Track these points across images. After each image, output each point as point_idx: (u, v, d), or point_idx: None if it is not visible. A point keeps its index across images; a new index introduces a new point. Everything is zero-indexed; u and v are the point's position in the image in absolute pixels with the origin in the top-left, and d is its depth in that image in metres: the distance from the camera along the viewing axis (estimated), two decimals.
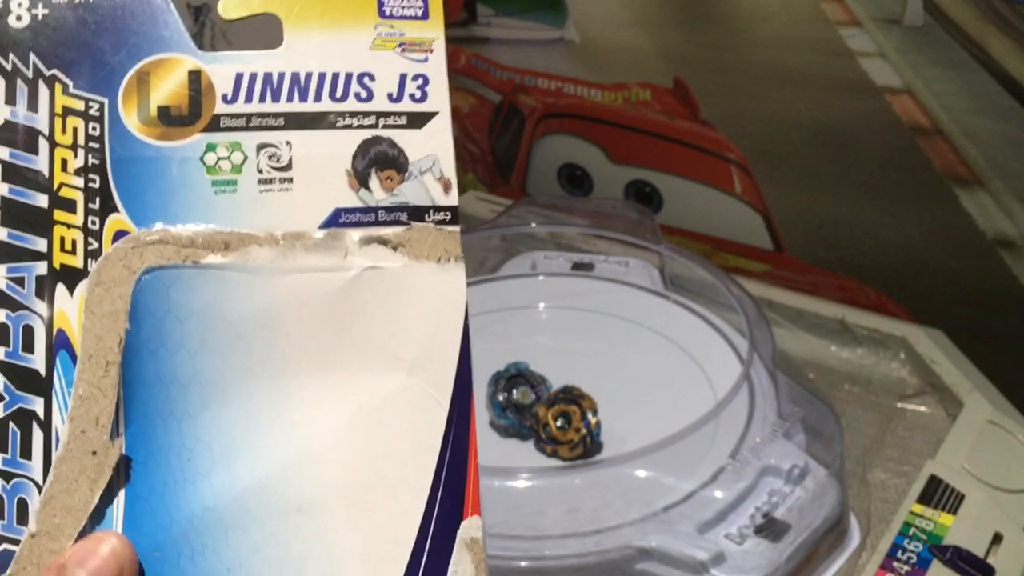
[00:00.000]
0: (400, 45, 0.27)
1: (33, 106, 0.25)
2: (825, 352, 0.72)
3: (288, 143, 0.26)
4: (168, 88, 0.25)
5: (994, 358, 0.73)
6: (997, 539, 0.53)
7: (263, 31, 0.27)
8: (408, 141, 0.26)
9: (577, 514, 0.48)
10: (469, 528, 0.26)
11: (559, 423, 0.54)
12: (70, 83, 0.25)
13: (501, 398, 0.55)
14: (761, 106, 1.42)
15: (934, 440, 0.62)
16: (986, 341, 0.96)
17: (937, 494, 0.55)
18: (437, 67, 0.27)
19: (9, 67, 0.25)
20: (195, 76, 0.26)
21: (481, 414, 0.55)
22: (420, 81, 0.27)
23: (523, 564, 0.46)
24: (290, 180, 0.26)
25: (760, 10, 1.47)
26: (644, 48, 1.52)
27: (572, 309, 0.69)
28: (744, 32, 1.48)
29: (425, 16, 0.27)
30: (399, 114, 0.26)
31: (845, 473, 0.53)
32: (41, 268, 0.25)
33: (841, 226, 1.36)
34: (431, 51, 0.27)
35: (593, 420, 0.54)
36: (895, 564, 0.51)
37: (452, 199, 0.26)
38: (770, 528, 0.48)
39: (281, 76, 0.26)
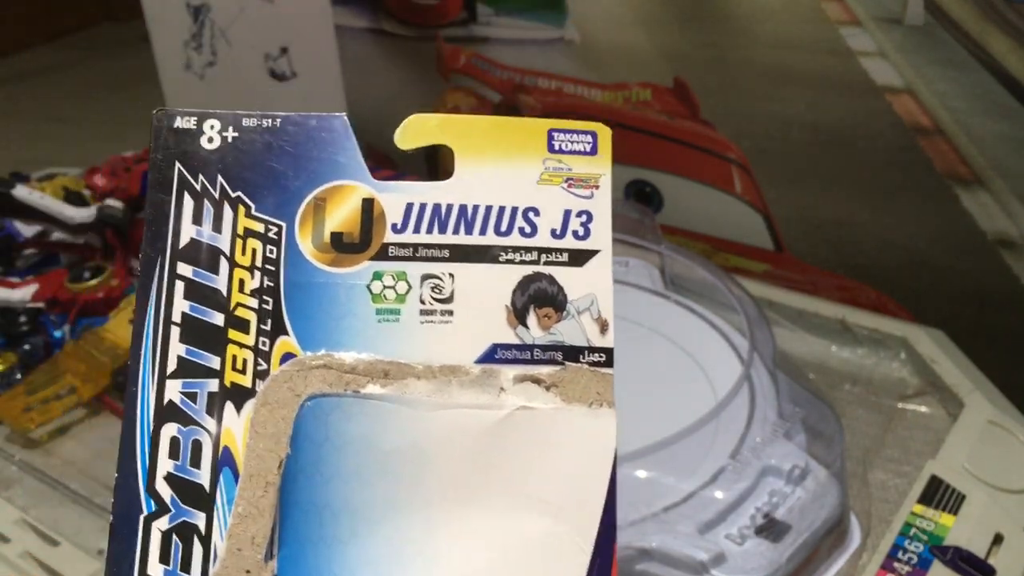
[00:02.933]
0: (567, 180, 0.27)
1: (217, 227, 0.26)
2: (825, 352, 0.72)
3: (451, 275, 0.26)
4: (342, 215, 0.26)
5: (994, 358, 0.73)
6: (998, 539, 0.53)
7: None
8: (568, 278, 0.27)
9: None
10: None
11: None
12: (253, 206, 0.26)
13: None
14: (761, 106, 1.42)
15: (935, 440, 0.62)
16: (986, 341, 0.96)
17: (938, 494, 0.55)
18: (602, 204, 0.27)
19: (198, 187, 0.26)
20: (368, 204, 0.26)
21: None
22: (584, 218, 0.27)
23: None
24: (451, 312, 0.26)
25: (760, 10, 1.46)
26: (644, 48, 1.52)
27: None
28: (744, 32, 1.47)
29: (594, 152, 0.27)
30: (561, 251, 0.27)
31: (846, 473, 0.53)
32: (213, 385, 0.25)
33: (841, 226, 1.36)
34: (597, 187, 0.27)
35: None
36: (896, 564, 0.51)
37: (608, 341, 0.26)
38: (771, 528, 0.47)
39: (449, 208, 0.26)
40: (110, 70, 2.69)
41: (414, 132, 0.27)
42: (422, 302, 0.26)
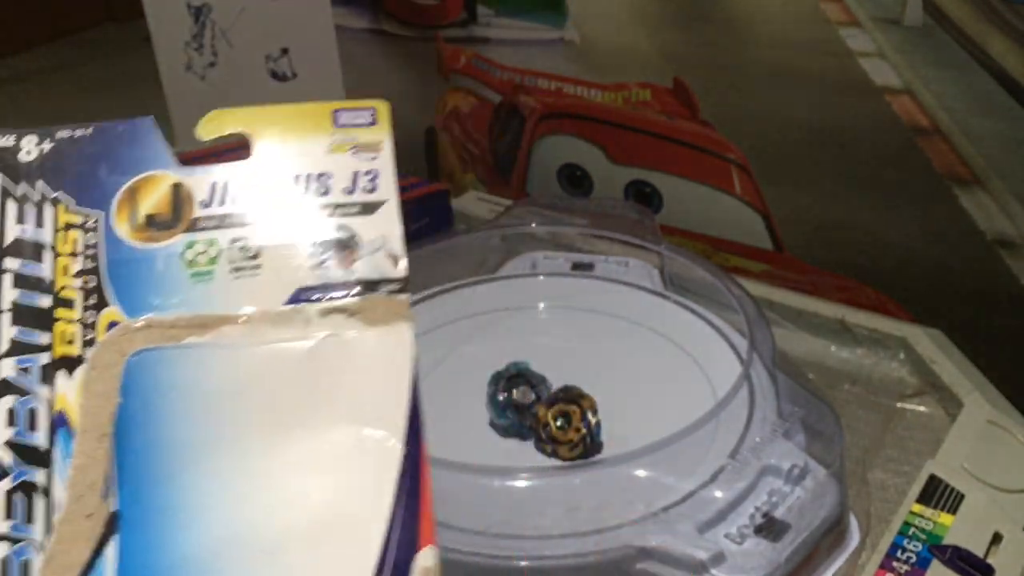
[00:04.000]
0: (353, 147, 0.31)
1: (40, 223, 0.29)
2: (825, 352, 0.72)
3: (257, 235, 0.30)
4: (154, 200, 0.30)
5: (994, 358, 0.73)
6: (997, 539, 0.53)
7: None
8: (361, 225, 0.30)
9: (577, 514, 0.48)
10: (424, 558, 0.28)
11: (559, 423, 0.54)
12: (72, 202, 0.29)
13: (501, 398, 0.55)
14: (761, 106, 1.42)
15: (934, 440, 0.62)
16: (986, 341, 0.96)
17: (937, 494, 0.55)
18: (386, 163, 0.31)
19: (19, 194, 0.29)
20: (177, 188, 0.30)
21: (481, 414, 0.55)
22: (371, 175, 0.31)
23: (523, 564, 0.46)
24: (259, 266, 0.29)
25: (760, 10, 1.46)
26: (644, 48, 1.52)
27: (572, 309, 0.69)
28: (744, 32, 1.47)
29: (374, 123, 0.31)
30: (353, 204, 0.30)
31: (845, 473, 0.53)
32: (45, 358, 0.28)
33: (841, 226, 1.36)
34: (380, 150, 0.31)
35: (593, 420, 0.54)
36: (895, 564, 0.51)
37: (401, 272, 0.30)
38: (770, 528, 0.48)
39: (249, 181, 0.30)
40: (111, 70, 2.69)
41: (214, 124, 0.30)
42: (231, 261, 0.29)
